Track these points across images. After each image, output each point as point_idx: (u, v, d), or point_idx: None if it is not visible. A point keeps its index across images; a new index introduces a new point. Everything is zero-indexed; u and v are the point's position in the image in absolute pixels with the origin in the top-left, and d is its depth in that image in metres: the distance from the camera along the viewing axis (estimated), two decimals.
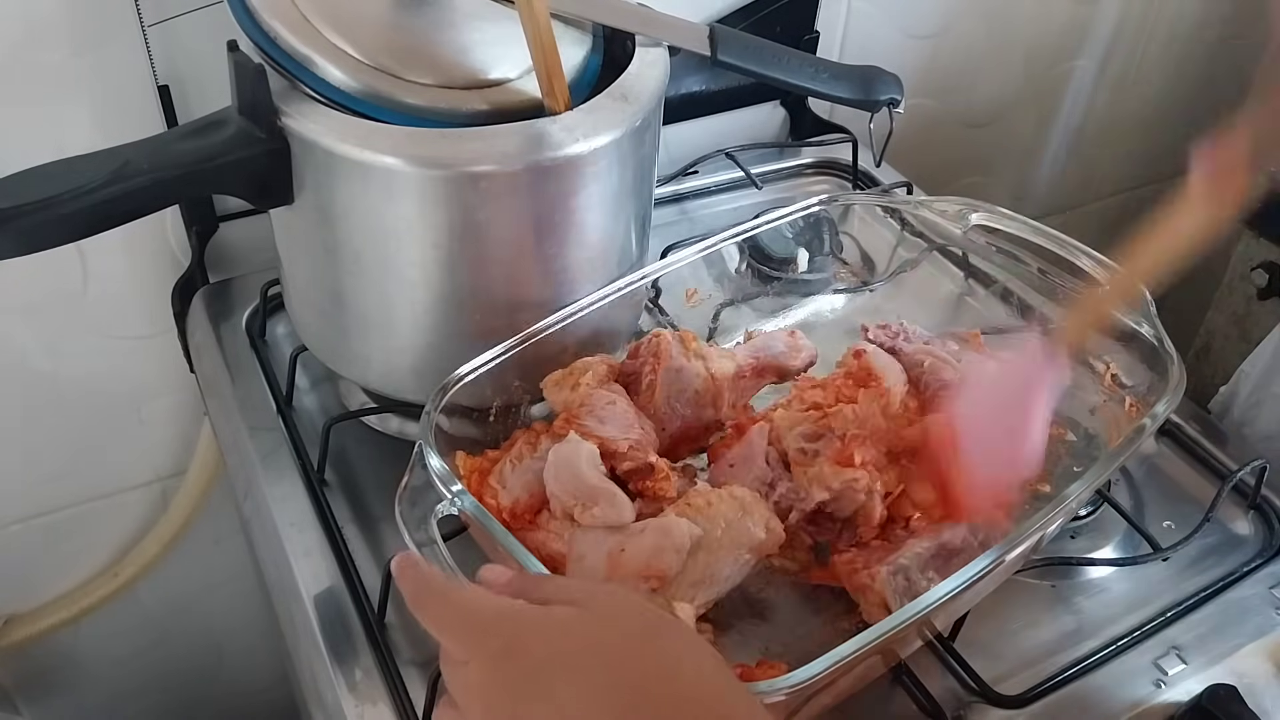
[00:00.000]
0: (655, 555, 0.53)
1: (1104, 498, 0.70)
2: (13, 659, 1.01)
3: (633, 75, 0.64)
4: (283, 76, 0.59)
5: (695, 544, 0.53)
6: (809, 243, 0.80)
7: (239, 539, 1.01)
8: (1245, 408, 0.86)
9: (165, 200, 0.58)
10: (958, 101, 1.18)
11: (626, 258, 0.68)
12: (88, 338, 0.86)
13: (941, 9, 1.09)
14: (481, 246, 0.61)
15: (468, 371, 0.59)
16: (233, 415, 0.75)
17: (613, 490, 0.56)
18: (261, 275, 0.82)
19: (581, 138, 0.59)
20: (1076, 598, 0.66)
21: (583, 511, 0.55)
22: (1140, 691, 0.61)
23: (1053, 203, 1.35)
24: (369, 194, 0.59)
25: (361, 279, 0.63)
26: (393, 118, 0.59)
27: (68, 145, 0.57)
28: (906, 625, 0.49)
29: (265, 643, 1.12)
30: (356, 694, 0.59)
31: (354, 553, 0.66)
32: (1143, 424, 0.59)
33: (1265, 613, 0.65)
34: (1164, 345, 0.63)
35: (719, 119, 1.02)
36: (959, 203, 0.73)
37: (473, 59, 0.62)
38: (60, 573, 0.99)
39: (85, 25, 0.73)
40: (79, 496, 0.95)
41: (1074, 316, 0.60)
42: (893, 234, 0.79)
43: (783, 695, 0.46)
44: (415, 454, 0.53)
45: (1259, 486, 0.71)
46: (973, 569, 0.51)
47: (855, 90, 0.77)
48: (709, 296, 0.77)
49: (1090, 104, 1.28)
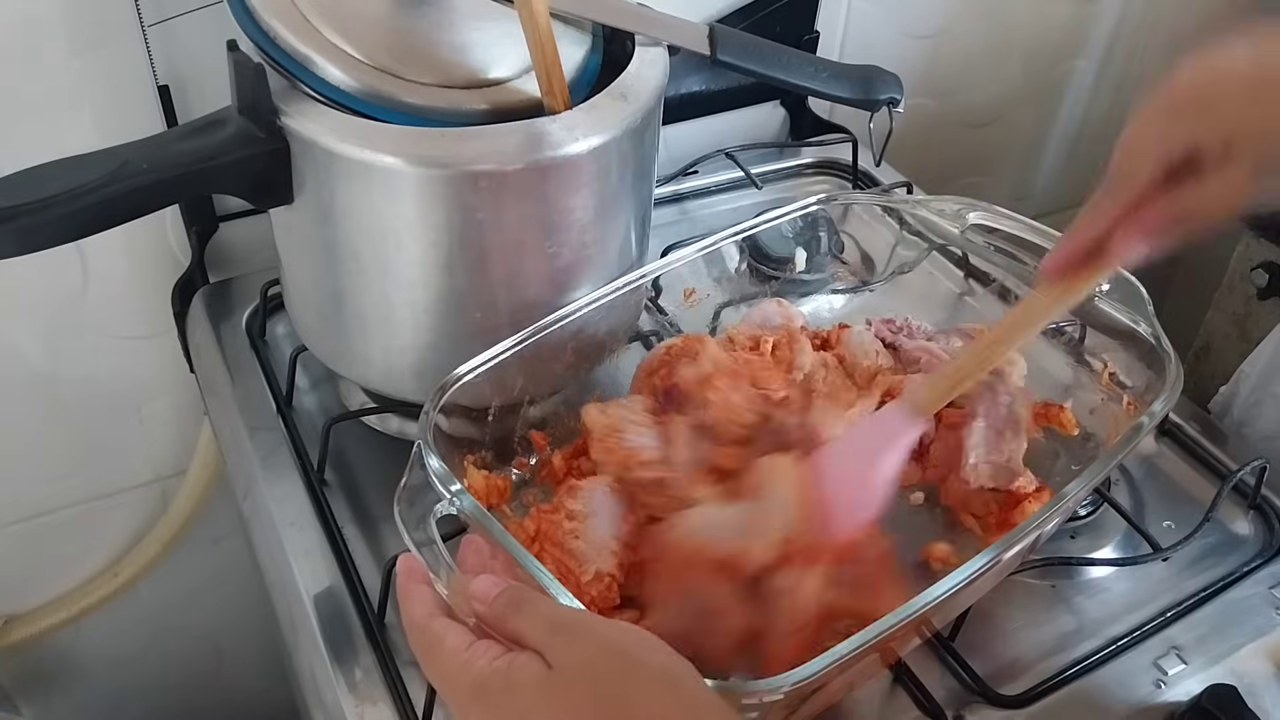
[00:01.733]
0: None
1: (1104, 497, 0.70)
2: (13, 659, 1.01)
3: (632, 75, 0.64)
4: (282, 76, 0.59)
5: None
6: (808, 242, 0.80)
7: (239, 539, 1.01)
8: (1245, 407, 0.86)
9: (165, 200, 0.58)
10: (957, 101, 1.18)
11: (626, 257, 0.68)
12: (88, 338, 0.87)
13: (941, 9, 1.09)
14: (481, 246, 0.61)
15: (467, 371, 0.59)
16: (233, 415, 0.75)
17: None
18: (261, 275, 0.83)
19: (581, 137, 0.59)
20: (1076, 598, 0.66)
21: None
22: (1140, 691, 0.61)
23: (1052, 202, 1.35)
24: (369, 193, 0.59)
25: (361, 279, 0.63)
26: (393, 117, 0.59)
27: (67, 145, 0.57)
28: (905, 623, 0.49)
29: (265, 643, 1.12)
30: (356, 694, 0.59)
31: (354, 553, 0.66)
32: (1140, 422, 0.59)
33: (1265, 613, 0.65)
34: (1161, 344, 0.63)
35: (719, 119, 1.02)
36: (958, 202, 0.73)
37: (473, 58, 0.62)
38: (60, 573, 0.99)
39: (85, 25, 0.73)
40: (79, 496, 0.95)
41: (930, 382, 0.61)
42: (892, 233, 0.79)
43: (782, 693, 0.46)
44: (414, 453, 0.53)
45: (1259, 486, 0.71)
46: (970, 568, 0.51)
47: (855, 90, 0.77)
48: (708, 296, 0.77)
49: (1090, 104, 1.28)
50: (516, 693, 0.40)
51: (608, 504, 0.59)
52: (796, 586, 0.53)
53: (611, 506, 0.59)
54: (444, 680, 0.44)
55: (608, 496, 0.60)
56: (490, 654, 0.42)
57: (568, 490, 0.60)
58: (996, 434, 0.63)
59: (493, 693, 0.41)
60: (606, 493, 0.60)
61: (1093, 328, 0.69)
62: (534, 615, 0.43)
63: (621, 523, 0.59)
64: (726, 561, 0.54)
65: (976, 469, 0.63)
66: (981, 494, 0.63)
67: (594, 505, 0.59)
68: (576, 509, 0.59)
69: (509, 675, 0.41)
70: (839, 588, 0.54)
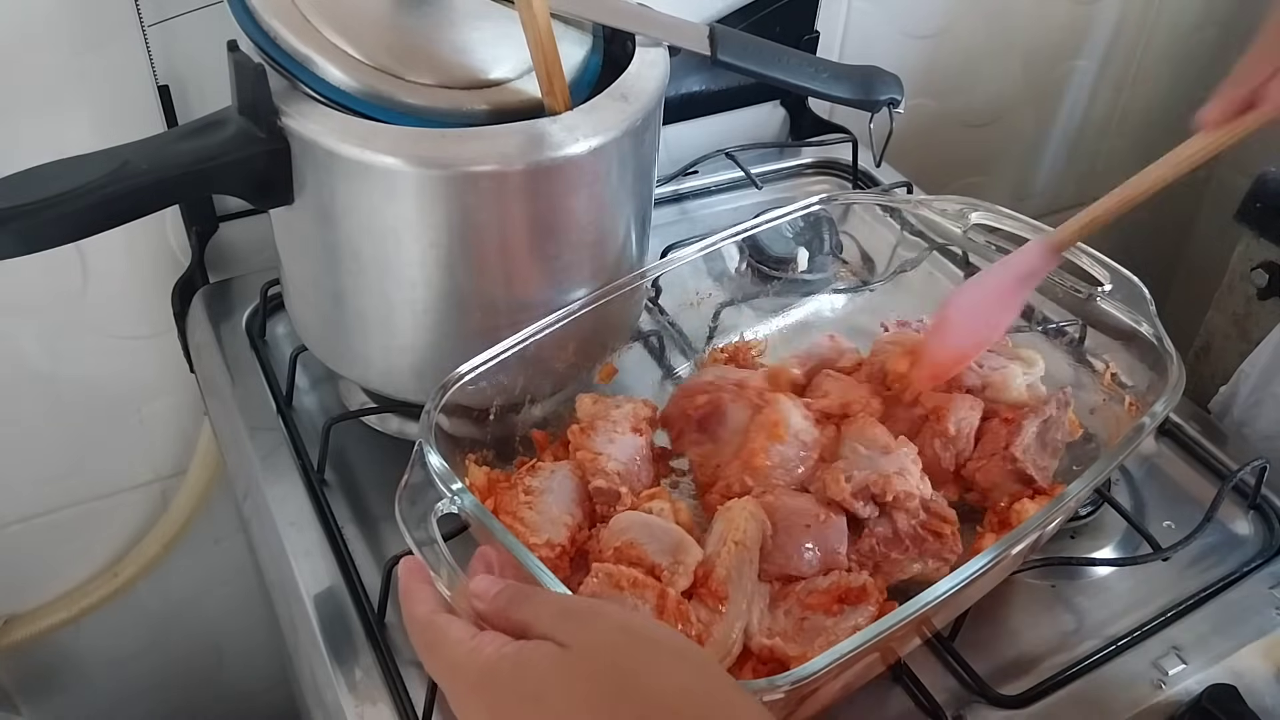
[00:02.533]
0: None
1: (1104, 498, 0.70)
2: (13, 659, 1.01)
3: (633, 75, 0.64)
4: (283, 76, 0.59)
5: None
6: (809, 242, 0.80)
7: (239, 539, 1.02)
8: (1245, 407, 0.86)
9: (165, 200, 0.58)
10: (958, 101, 1.18)
11: (626, 257, 0.68)
12: (87, 338, 0.87)
13: (942, 9, 1.09)
14: (481, 246, 0.61)
15: (468, 370, 0.59)
16: (233, 415, 0.75)
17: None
18: (261, 275, 0.82)
19: (581, 138, 0.59)
20: (1077, 597, 0.66)
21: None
22: (1140, 691, 0.61)
23: (1053, 202, 1.35)
24: (369, 194, 0.59)
25: (361, 279, 0.63)
26: (393, 118, 0.59)
27: (67, 145, 0.57)
28: (905, 623, 0.49)
29: (265, 643, 1.12)
30: (356, 694, 0.59)
31: (354, 553, 0.66)
32: (1142, 423, 0.59)
33: (1265, 613, 0.65)
34: (1163, 344, 0.63)
35: (719, 119, 1.02)
36: (959, 202, 0.73)
37: (473, 59, 0.62)
38: (60, 573, 0.99)
39: (85, 25, 0.73)
40: (79, 496, 0.95)
41: (1070, 221, 0.66)
42: (893, 233, 0.79)
43: (781, 693, 0.46)
44: (415, 452, 0.53)
45: (1259, 486, 0.71)
46: (971, 568, 0.51)
47: (855, 90, 0.77)
48: (709, 296, 0.77)
49: (1090, 104, 1.28)
50: (528, 675, 0.39)
51: (567, 485, 0.60)
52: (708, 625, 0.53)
53: (570, 489, 0.59)
54: (450, 672, 0.42)
55: (567, 478, 0.60)
56: (497, 642, 0.41)
57: (528, 470, 0.61)
58: (1040, 445, 0.64)
59: (501, 677, 0.40)
60: (566, 475, 0.60)
61: (1094, 328, 0.69)
62: (541, 603, 0.42)
63: (576, 506, 0.59)
64: (648, 573, 0.54)
65: (1026, 449, 0.63)
66: (1012, 480, 0.63)
67: (552, 484, 0.59)
68: (534, 485, 0.59)
69: (519, 659, 0.40)
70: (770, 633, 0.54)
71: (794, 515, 0.58)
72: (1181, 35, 1.27)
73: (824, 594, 0.55)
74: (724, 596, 0.53)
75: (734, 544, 0.55)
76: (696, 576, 0.54)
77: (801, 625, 0.54)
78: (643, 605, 0.51)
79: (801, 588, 0.56)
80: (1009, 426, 0.64)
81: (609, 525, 0.57)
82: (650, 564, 0.54)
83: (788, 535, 0.57)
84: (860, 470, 0.59)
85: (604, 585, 0.52)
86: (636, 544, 0.55)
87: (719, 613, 0.53)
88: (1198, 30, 1.28)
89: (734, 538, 0.55)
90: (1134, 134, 1.34)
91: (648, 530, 0.56)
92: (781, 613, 0.55)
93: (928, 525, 0.59)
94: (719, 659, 0.52)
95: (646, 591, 0.52)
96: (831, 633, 0.53)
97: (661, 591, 0.52)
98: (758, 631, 0.54)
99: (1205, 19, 1.27)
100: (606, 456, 0.60)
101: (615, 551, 0.55)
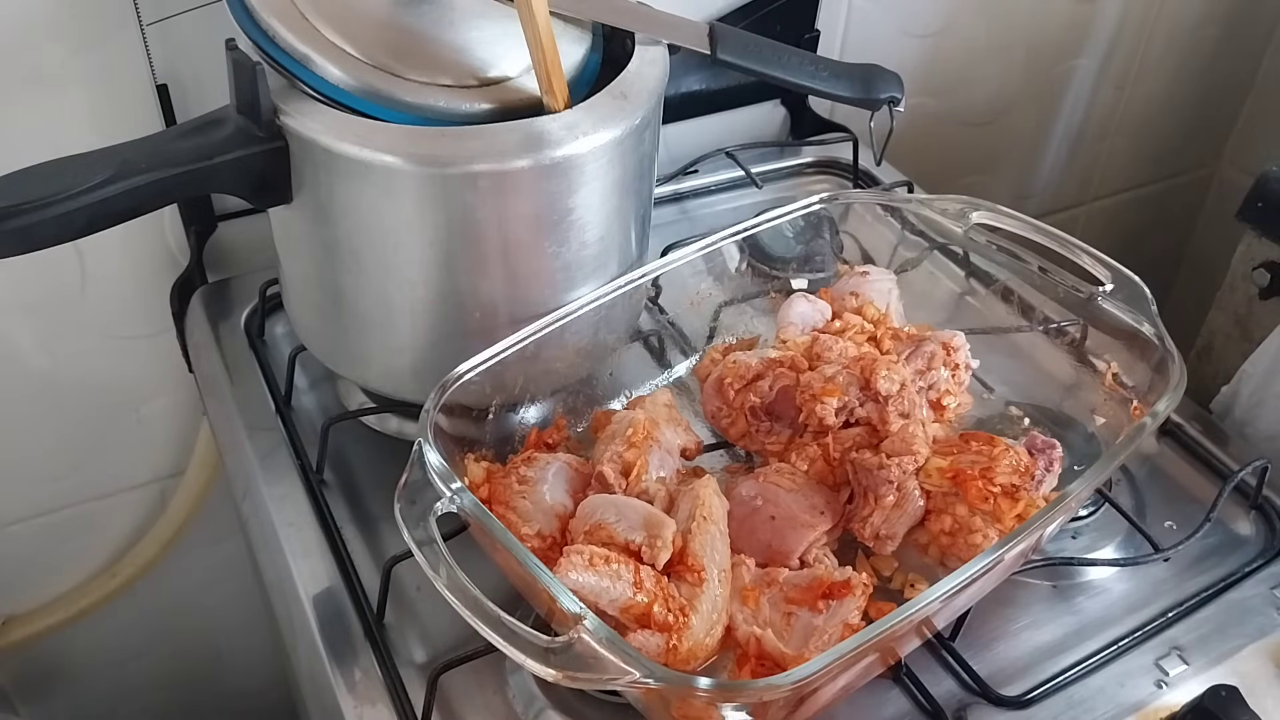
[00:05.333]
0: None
1: (1105, 498, 0.70)
2: (12, 659, 1.01)
3: (632, 74, 0.64)
4: (281, 75, 0.59)
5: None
6: (809, 242, 0.80)
7: (238, 539, 1.01)
8: (1247, 408, 0.85)
9: (163, 199, 0.58)
10: (958, 100, 1.18)
11: (626, 257, 0.68)
12: (86, 337, 0.86)
13: (942, 8, 1.09)
14: (481, 245, 0.61)
15: (467, 370, 0.59)
16: (231, 415, 0.75)
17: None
18: (260, 275, 0.82)
19: (581, 136, 0.59)
20: (1077, 598, 0.66)
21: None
22: (1141, 692, 0.61)
23: (1054, 201, 1.35)
24: (368, 193, 0.59)
25: (361, 278, 0.63)
26: (391, 116, 0.59)
27: (66, 144, 0.57)
28: (904, 623, 0.49)
29: (264, 643, 1.12)
30: (355, 694, 0.59)
31: (353, 553, 0.66)
32: (1143, 423, 0.59)
33: (1267, 613, 0.65)
34: (1165, 344, 0.63)
35: (719, 118, 1.02)
36: (960, 201, 0.73)
37: (472, 57, 0.62)
38: (60, 573, 0.99)
39: (83, 24, 0.73)
40: (78, 496, 0.95)
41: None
42: (893, 233, 0.79)
43: (781, 693, 0.46)
44: (414, 452, 0.53)
45: (1260, 487, 0.71)
46: (971, 567, 0.51)
47: (856, 89, 0.77)
48: (709, 296, 0.76)
49: (1091, 103, 1.28)
50: None
51: (562, 477, 0.60)
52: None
53: (564, 479, 0.60)
54: None
55: (563, 470, 0.60)
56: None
57: (525, 460, 0.61)
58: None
59: None
60: (562, 468, 0.60)
61: (1095, 328, 0.69)
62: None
63: (569, 497, 0.59)
64: (622, 552, 0.55)
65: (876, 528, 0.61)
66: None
67: (547, 475, 0.60)
68: (528, 475, 0.60)
69: None
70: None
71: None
72: (1183, 34, 1.27)
73: (806, 590, 0.55)
74: (700, 569, 0.55)
75: (703, 518, 0.56)
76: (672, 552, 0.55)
77: (789, 620, 0.55)
78: (619, 583, 0.52)
79: (785, 579, 0.56)
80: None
81: (577, 510, 0.57)
82: (622, 542, 0.55)
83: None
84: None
85: (580, 569, 0.53)
86: (605, 524, 0.55)
87: (698, 587, 0.54)
88: (1199, 29, 1.28)
89: (703, 513, 0.57)
90: (1135, 133, 1.34)
91: (615, 509, 0.56)
92: (766, 601, 0.56)
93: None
94: (706, 628, 0.53)
95: (622, 569, 0.53)
96: (823, 631, 0.53)
97: (637, 568, 0.53)
98: (743, 621, 0.54)
99: (1206, 18, 1.27)
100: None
101: (585, 535, 0.56)
